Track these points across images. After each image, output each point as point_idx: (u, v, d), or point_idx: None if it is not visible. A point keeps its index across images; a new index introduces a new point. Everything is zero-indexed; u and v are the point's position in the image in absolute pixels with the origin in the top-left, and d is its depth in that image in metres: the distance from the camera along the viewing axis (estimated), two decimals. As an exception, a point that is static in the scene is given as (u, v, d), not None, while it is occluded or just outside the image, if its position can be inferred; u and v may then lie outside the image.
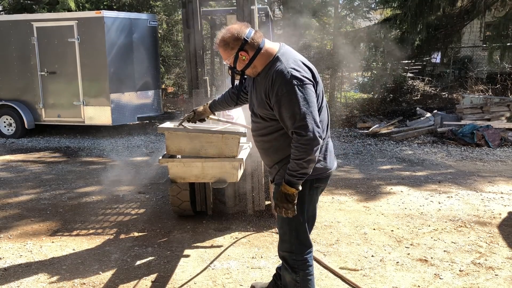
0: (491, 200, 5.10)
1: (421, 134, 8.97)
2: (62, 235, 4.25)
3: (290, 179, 2.32)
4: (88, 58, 8.95)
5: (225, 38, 2.39)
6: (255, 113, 2.53)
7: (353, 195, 5.35)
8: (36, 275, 3.45)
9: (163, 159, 3.24)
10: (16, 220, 4.66)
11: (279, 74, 2.30)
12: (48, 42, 9.11)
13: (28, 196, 5.48)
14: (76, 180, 6.22)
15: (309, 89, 2.29)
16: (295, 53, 2.45)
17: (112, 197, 5.40)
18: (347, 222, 4.45)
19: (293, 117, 2.26)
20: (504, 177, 6.08)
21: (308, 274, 2.60)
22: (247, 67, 2.42)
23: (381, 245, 3.90)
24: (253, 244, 3.94)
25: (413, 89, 12.43)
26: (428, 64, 14.26)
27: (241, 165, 3.32)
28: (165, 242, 4.04)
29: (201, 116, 3.11)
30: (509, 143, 8.11)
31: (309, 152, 2.26)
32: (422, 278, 3.32)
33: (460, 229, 4.26)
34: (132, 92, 9.39)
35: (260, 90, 2.42)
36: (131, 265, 3.59)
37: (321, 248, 3.84)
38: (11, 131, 9.56)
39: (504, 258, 3.63)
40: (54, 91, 9.29)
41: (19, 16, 9.70)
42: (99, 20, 8.76)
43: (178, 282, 3.31)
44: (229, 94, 2.95)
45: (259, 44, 2.39)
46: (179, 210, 4.46)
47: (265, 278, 3.30)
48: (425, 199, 5.14)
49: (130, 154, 7.87)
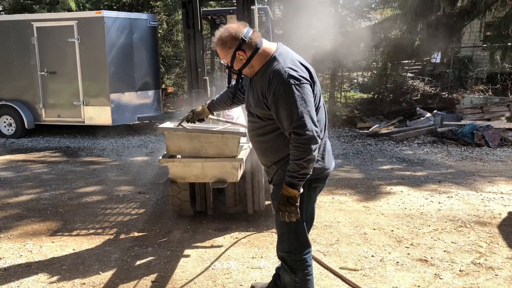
0: (491, 200, 5.10)
1: (421, 134, 8.96)
2: (62, 235, 4.25)
3: (291, 180, 2.31)
4: (88, 58, 8.95)
5: (223, 37, 2.39)
6: (252, 113, 2.52)
7: (353, 195, 5.35)
8: (36, 275, 3.45)
9: (163, 159, 3.24)
10: (16, 220, 4.66)
11: (276, 73, 2.30)
12: (48, 42, 9.11)
13: (28, 196, 5.49)
14: (76, 180, 6.22)
15: (306, 88, 2.29)
16: (293, 53, 2.45)
17: (112, 197, 5.40)
18: (347, 222, 4.45)
19: (291, 116, 2.26)
20: (504, 177, 6.08)
21: (307, 274, 2.59)
22: (244, 66, 2.42)
23: (381, 245, 3.90)
24: (253, 244, 3.94)
25: (413, 89, 12.42)
26: (428, 64, 14.25)
27: (241, 165, 3.32)
28: (165, 242, 4.04)
29: (200, 116, 3.11)
30: (509, 143, 8.11)
31: (308, 152, 2.25)
32: (422, 278, 3.32)
33: (460, 229, 4.26)
34: (132, 92, 9.39)
35: (257, 90, 2.42)
36: (131, 265, 3.59)
37: (321, 248, 3.84)
38: (11, 131, 9.56)
39: (504, 258, 3.64)
40: (54, 91, 9.28)
41: (19, 16, 9.71)
42: (99, 20, 8.76)
43: (178, 282, 3.31)
44: (226, 93, 2.95)
45: (257, 44, 2.39)
46: (179, 210, 4.46)
47: (265, 278, 3.30)
48: (425, 199, 5.14)
49: (130, 154, 7.86)
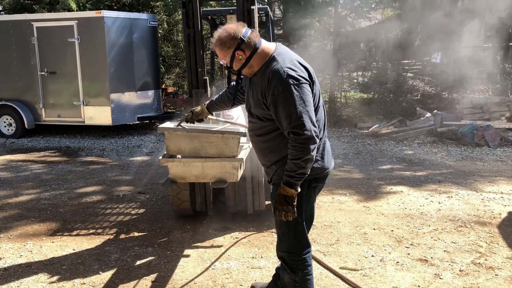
0: (491, 200, 5.10)
1: (421, 134, 8.96)
2: (62, 235, 4.25)
3: (289, 180, 2.32)
4: (88, 58, 8.94)
5: (221, 37, 2.39)
6: (252, 113, 2.52)
7: (353, 195, 5.35)
8: (36, 275, 3.45)
9: (163, 159, 3.24)
10: (16, 220, 4.66)
11: (275, 73, 2.30)
12: (48, 42, 9.10)
13: (28, 196, 5.49)
14: (76, 180, 6.22)
15: (305, 88, 2.29)
16: (292, 53, 2.45)
17: (112, 197, 5.40)
18: (347, 222, 4.45)
19: (290, 116, 2.26)
20: (504, 177, 6.08)
21: (307, 274, 2.60)
22: (244, 66, 2.42)
23: (381, 245, 3.90)
24: (253, 244, 3.94)
25: (413, 89, 12.41)
26: (428, 64, 14.23)
27: (241, 165, 3.32)
28: (165, 242, 4.04)
29: (199, 117, 3.11)
30: (509, 143, 8.10)
31: (306, 152, 2.26)
32: (422, 278, 3.32)
33: (460, 229, 4.26)
34: (132, 92, 9.38)
35: (256, 90, 2.42)
36: (131, 265, 3.59)
37: (321, 248, 3.84)
38: (11, 131, 9.55)
39: (504, 258, 3.64)
40: (54, 91, 9.28)
41: (19, 16, 9.70)
42: (99, 20, 8.75)
43: (178, 282, 3.31)
44: (226, 94, 2.95)
45: (256, 43, 2.39)
46: (179, 210, 4.46)
47: (265, 278, 3.30)
48: (425, 199, 5.14)
49: (130, 154, 7.86)
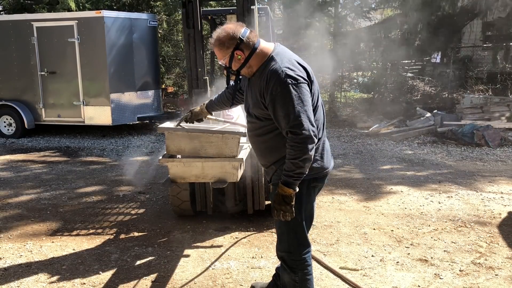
0: (491, 200, 5.10)
1: (421, 134, 8.96)
2: (62, 235, 4.25)
3: (287, 179, 2.31)
4: (88, 58, 8.94)
5: (220, 37, 2.38)
6: (251, 113, 2.52)
7: (353, 195, 5.35)
8: (36, 275, 3.45)
9: (163, 159, 3.24)
10: (16, 220, 4.66)
11: (273, 73, 2.30)
12: (48, 42, 9.10)
13: (28, 196, 5.48)
14: (76, 180, 6.22)
15: (303, 88, 2.29)
16: (290, 53, 2.45)
17: (112, 197, 5.40)
18: (347, 222, 4.45)
19: (288, 116, 2.26)
20: (504, 177, 6.08)
21: (307, 274, 2.60)
22: (243, 66, 2.42)
23: (381, 245, 3.90)
24: (253, 244, 3.94)
25: (413, 89, 12.42)
26: (428, 64, 14.24)
27: (241, 165, 3.32)
28: (165, 242, 4.04)
29: (198, 117, 3.11)
30: (509, 143, 8.10)
31: (304, 151, 2.25)
32: (422, 278, 3.32)
33: (460, 229, 4.26)
34: (132, 92, 9.38)
35: (255, 90, 2.42)
36: (131, 265, 3.59)
37: (321, 248, 3.84)
38: (11, 131, 9.55)
39: (504, 258, 3.64)
40: (54, 91, 9.28)
41: (19, 16, 9.70)
42: (99, 20, 8.75)
43: (178, 282, 3.31)
44: (225, 94, 2.95)
45: (255, 43, 2.39)
46: (179, 210, 4.46)
47: (265, 278, 3.30)
48: (425, 199, 5.14)
49: (130, 154, 7.86)
